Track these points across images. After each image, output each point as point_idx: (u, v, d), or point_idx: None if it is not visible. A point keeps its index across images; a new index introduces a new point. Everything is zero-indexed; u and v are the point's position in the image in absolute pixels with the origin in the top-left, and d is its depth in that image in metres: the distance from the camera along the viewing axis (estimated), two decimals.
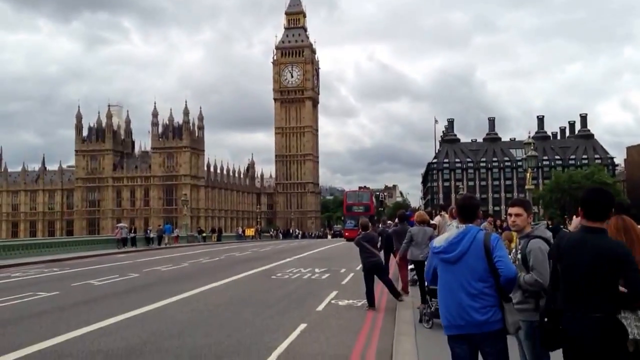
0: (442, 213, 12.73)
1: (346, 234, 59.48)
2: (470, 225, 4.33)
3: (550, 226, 18.44)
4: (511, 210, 4.80)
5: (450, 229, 4.47)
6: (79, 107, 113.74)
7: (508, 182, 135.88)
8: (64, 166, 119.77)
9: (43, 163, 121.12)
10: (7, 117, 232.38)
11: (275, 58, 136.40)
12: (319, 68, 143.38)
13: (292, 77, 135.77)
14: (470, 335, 4.18)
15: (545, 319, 3.85)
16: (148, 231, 50.94)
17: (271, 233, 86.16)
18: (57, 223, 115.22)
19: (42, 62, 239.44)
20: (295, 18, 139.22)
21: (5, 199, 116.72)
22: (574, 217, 5.02)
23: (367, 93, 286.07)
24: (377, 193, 67.76)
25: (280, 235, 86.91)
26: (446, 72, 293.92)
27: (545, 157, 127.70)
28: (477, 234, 4.23)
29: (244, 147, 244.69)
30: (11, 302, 13.09)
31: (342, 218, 74.50)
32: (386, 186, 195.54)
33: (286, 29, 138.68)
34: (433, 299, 8.64)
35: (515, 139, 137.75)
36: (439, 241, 4.38)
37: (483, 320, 4.13)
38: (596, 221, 3.70)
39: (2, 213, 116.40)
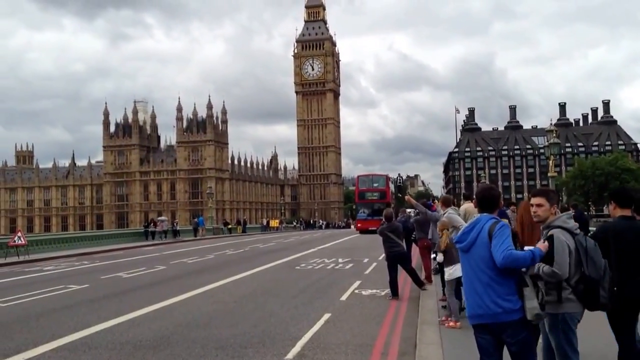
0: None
1: (358, 224, 51.67)
2: (482, 215, 4.36)
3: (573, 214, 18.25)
4: (532, 200, 4.73)
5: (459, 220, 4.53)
6: (105, 103, 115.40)
7: (530, 170, 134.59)
8: (93, 161, 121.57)
9: (73, 159, 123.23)
10: (36, 114, 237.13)
11: (296, 51, 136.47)
12: (339, 60, 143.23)
13: (312, 69, 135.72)
14: (489, 325, 4.17)
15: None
16: (175, 224, 51.63)
17: (294, 224, 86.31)
18: (87, 217, 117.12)
19: (68, 60, 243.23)
20: (315, 11, 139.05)
21: (38, 195, 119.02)
22: (612, 206, 5.05)
23: (387, 83, 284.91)
24: (395, 177, 60.40)
25: (301, 227, 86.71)
26: (466, 60, 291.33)
27: (568, 144, 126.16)
28: (486, 224, 4.23)
29: (266, 139, 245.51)
30: (43, 295, 13.44)
31: (354, 207, 65.98)
32: (408, 176, 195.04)
33: (306, 22, 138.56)
34: None
35: (537, 126, 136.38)
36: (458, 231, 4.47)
37: (499, 310, 4.11)
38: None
39: (34, 208, 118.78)
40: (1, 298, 12.98)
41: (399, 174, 61.67)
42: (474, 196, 5.09)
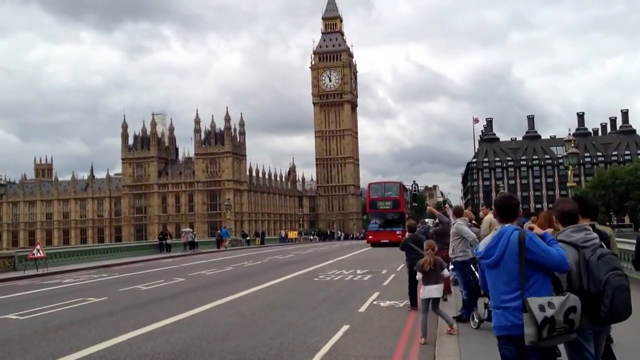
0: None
1: (369, 236, 47.42)
2: (505, 226, 4.26)
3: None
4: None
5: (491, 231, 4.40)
6: (124, 116, 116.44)
7: (549, 180, 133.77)
8: (112, 174, 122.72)
9: (92, 172, 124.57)
10: (55, 127, 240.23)
11: (313, 63, 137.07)
12: (356, 71, 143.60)
13: (330, 81, 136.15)
14: (515, 336, 4.08)
15: None
16: (193, 236, 51.82)
17: (311, 237, 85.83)
18: (106, 230, 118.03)
19: (86, 73, 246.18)
20: (332, 23, 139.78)
21: (57, 208, 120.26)
22: None
23: (405, 94, 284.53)
24: (410, 185, 55.86)
25: (317, 238, 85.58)
26: (484, 70, 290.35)
27: (587, 154, 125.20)
28: (512, 235, 4.13)
29: (284, 150, 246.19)
30: (62, 308, 13.49)
31: (365, 217, 60.67)
32: (426, 186, 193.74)
33: (323, 33, 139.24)
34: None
35: (555, 136, 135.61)
36: (481, 245, 4.34)
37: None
38: None
39: (54, 221, 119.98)
40: (20, 311, 13.05)
41: (414, 182, 55.62)
42: (492, 205, 4.98)
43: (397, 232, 42.70)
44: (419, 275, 9.05)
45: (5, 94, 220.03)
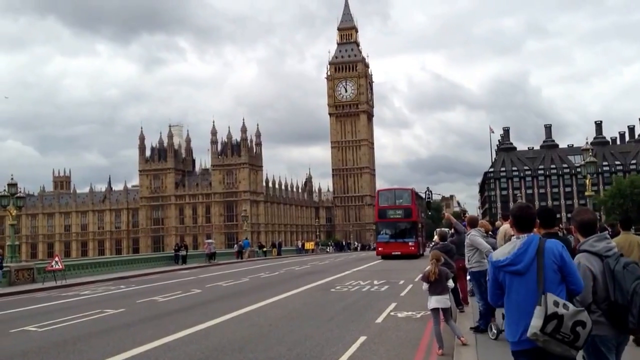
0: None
1: (379, 248, 43.48)
2: (531, 234, 4.19)
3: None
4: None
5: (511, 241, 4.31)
6: (141, 128, 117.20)
7: (568, 189, 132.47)
8: (129, 186, 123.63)
9: (109, 184, 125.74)
10: (72, 140, 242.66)
11: (329, 73, 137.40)
12: (372, 81, 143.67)
13: (346, 91, 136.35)
14: (537, 349, 3.95)
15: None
16: (213, 247, 52.00)
17: (327, 249, 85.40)
18: (124, 241, 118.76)
19: (103, 86, 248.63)
20: (347, 33, 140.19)
21: (75, 220, 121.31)
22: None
23: (421, 103, 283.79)
24: (423, 192, 50.37)
25: (332, 248, 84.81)
26: (500, 79, 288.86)
27: (605, 163, 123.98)
28: (547, 244, 4.08)
29: (300, 161, 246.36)
30: (80, 320, 13.56)
31: (375, 227, 54.34)
32: (443, 196, 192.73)
33: (339, 44, 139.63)
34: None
35: (573, 145, 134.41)
36: (502, 254, 4.22)
37: None
38: None
39: (72, 233, 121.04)
40: (39, 323, 13.14)
41: (427, 188, 50.89)
42: (509, 215, 4.91)
43: (410, 243, 41.21)
44: (424, 286, 8.95)
45: (24, 107, 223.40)
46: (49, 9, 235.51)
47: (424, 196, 48.93)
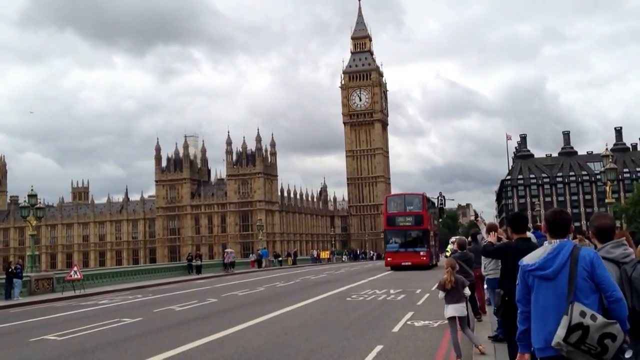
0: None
1: (388, 258, 40.50)
2: (564, 240, 4.14)
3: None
4: None
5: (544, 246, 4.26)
6: (157, 139, 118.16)
7: (587, 197, 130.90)
8: (145, 196, 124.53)
9: (126, 194, 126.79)
10: (90, 151, 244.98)
11: (343, 83, 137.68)
12: (386, 90, 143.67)
13: (360, 100, 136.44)
14: (562, 357, 3.88)
15: None
16: (233, 256, 52.23)
17: (343, 258, 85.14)
18: (141, 251, 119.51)
19: (119, 98, 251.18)
20: (361, 42, 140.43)
21: (93, 230, 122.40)
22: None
23: (436, 111, 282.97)
24: (436, 197, 46.76)
25: (346, 258, 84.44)
26: (516, 85, 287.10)
27: (626, 170, 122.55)
28: (581, 251, 4.00)
29: (315, 170, 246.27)
30: (99, 329, 13.67)
31: (383, 235, 49.78)
32: (459, 205, 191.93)
33: (352, 53, 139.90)
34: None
35: (592, 152, 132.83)
36: (532, 259, 4.18)
37: None
38: None
39: (90, 243, 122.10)
40: (58, 332, 13.27)
41: (440, 193, 47.06)
42: (544, 220, 4.84)
43: (421, 253, 38.70)
44: (440, 295, 8.90)
45: (43, 120, 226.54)
46: (67, 22, 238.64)
47: (436, 202, 46.07)
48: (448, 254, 17.70)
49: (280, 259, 63.37)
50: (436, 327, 12.00)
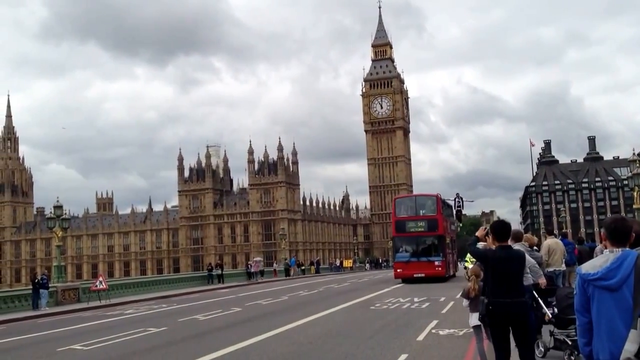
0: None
1: (398, 269, 34.84)
2: (627, 249, 4.00)
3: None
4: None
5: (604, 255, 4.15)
6: (180, 149, 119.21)
7: (614, 203, 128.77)
8: (168, 206, 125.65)
9: (150, 205, 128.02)
10: (113, 162, 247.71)
11: (364, 90, 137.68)
12: (408, 97, 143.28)
13: (381, 108, 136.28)
14: None
15: None
16: (249, 266, 52.26)
17: (365, 266, 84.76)
18: (165, 261, 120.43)
19: (141, 109, 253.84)
20: (382, 50, 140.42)
21: (117, 240, 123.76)
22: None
23: (458, 117, 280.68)
24: (452, 199, 40.15)
25: (368, 266, 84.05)
26: (540, 90, 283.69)
27: None
28: None
29: (337, 179, 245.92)
30: (125, 338, 13.78)
31: (392, 243, 43.97)
32: (483, 212, 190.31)
33: (373, 60, 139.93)
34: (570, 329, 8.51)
35: (619, 157, 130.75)
36: (592, 267, 4.05)
37: None
38: None
39: (115, 253, 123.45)
40: (85, 341, 13.40)
41: (457, 194, 40.21)
42: (603, 227, 4.69)
43: (436, 263, 33.63)
44: (465, 303, 8.79)
45: (67, 131, 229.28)
46: (89, 34, 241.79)
47: (453, 204, 40.23)
48: (468, 263, 17.19)
49: (303, 267, 63.40)
50: (461, 335, 11.87)
